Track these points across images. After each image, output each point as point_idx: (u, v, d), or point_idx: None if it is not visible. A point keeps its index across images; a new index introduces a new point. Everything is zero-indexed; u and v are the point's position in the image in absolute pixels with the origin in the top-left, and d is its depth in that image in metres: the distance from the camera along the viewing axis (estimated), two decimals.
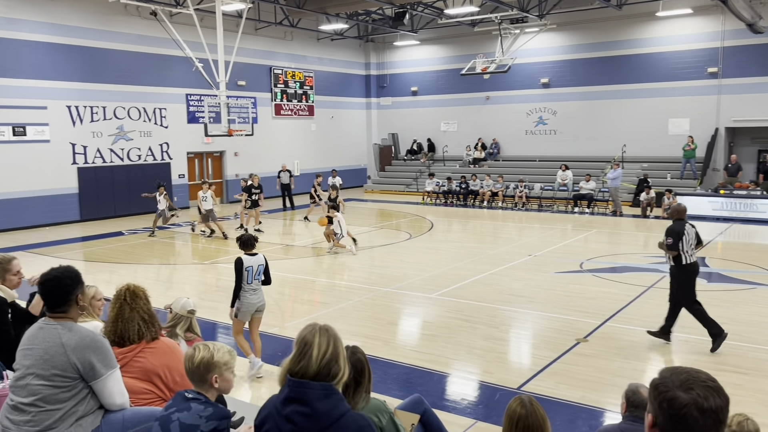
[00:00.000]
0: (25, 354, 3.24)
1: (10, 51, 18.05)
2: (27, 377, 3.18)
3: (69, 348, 3.17)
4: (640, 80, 24.17)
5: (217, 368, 3.05)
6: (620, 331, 8.48)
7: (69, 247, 15.86)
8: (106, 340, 3.36)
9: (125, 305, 3.81)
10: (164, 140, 22.45)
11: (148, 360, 3.72)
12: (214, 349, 3.08)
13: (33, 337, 3.26)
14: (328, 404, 2.49)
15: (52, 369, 3.15)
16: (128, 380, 3.55)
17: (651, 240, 16.25)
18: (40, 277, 3.37)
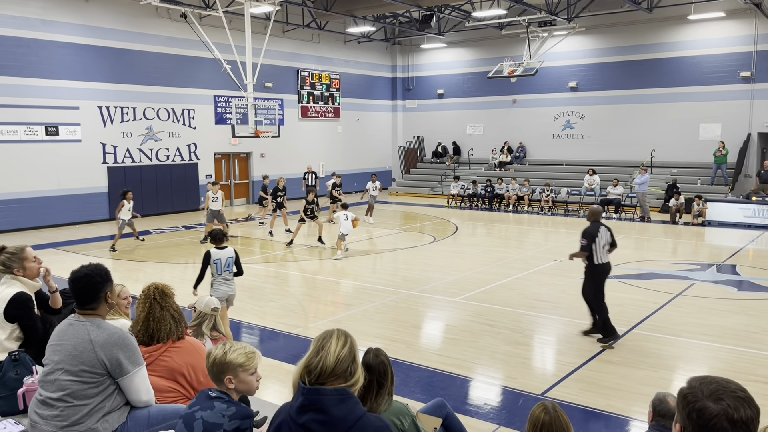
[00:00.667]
0: (54, 349, 3.30)
1: (45, 52, 18.45)
2: (56, 372, 3.24)
3: (97, 344, 3.22)
4: (670, 84, 23.80)
5: (230, 369, 3.00)
6: (647, 338, 8.35)
7: (98, 245, 16.13)
8: (133, 338, 3.41)
9: (155, 304, 3.84)
10: (192, 141, 22.73)
11: (173, 359, 3.75)
12: (228, 349, 3.02)
13: (62, 333, 3.33)
14: (344, 409, 2.47)
15: (81, 365, 3.20)
16: (153, 379, 3.59)
17: (680, 247, 15.99)
18: (71, 274, 3.43)
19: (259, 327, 9.07)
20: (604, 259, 8.21)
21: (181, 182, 22.40)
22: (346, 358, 2.55)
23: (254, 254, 14.86)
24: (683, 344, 8.16)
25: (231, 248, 7.84)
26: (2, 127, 17.68)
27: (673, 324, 8.92)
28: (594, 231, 8.17)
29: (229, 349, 3.03)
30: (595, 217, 8.40)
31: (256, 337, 8.79)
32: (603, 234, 8.20)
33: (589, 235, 8.15)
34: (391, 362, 3.42)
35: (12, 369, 4.06)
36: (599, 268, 8.21)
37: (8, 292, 4.56)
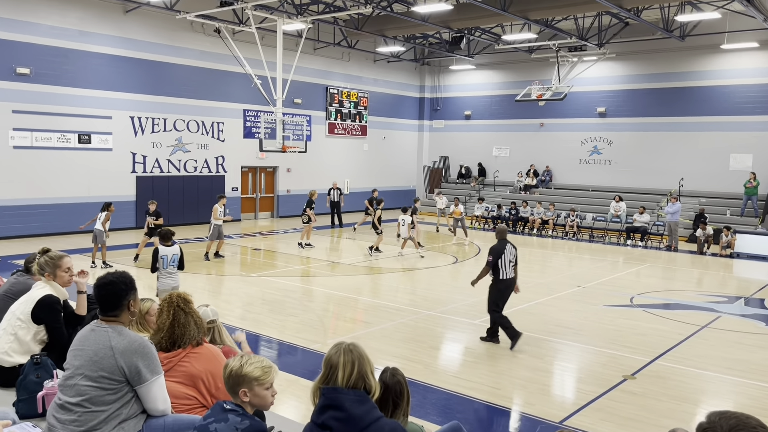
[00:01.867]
0: (75, 354, 3.34)
1: (81, 62, 18.93)
2: (75, 377, 3.27)
3: (117, 351, 3.26)
4: (701, 113, 23.52)
5: (245, 382, 2.98)
6: (670, 370, 8.17)
7: (123, 252, 16.35)
8: (153, 347, 3.43)
9: (180, 311, 3.88)
10: (220, 153, 23.04)
11: (192, 365, 3.77)
12: (245, 362, 3.01)
13: (84, 338, 3.37)
14: (363, 409, 2.56)
15: (100, 371, 3.24)
16: (172, 384, 3.61)
17: (707, 278, 15.68)
18: (96, 280, 3.48)
19: (277, 341, 9.08)
20: (509, 274, 8.90)
21: (208, 194, 22.62)
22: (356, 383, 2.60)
23: (276, 268, 14.93)
24: (707, 378, 7.98)
25: (177, 246, 8.94)
26: (37, 134, 18.12)
27: (697, 356, 8.73)
28: (500, 248, 8.86)
29: (246, 361, 3.02)
30: (502, 235, 9.10)
31: (275, 351, 8.80)
32: (509, 251, 8.88)
33: (495, 252, 8.83)
34: (407, 383, 3.40)
35: (33, 372, 4.12)
36: (503, 282, 8.90)
37: (38, 293, 4.65)
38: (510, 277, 8.92)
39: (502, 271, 8.84)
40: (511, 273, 8.92)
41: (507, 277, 8.88)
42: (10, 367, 4.45)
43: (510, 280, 8.94)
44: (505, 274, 8.85)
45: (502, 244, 8.92)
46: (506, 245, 8.91)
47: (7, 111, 17.51)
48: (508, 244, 8.94)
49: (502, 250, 8.83)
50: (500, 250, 8.84)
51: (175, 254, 8.85)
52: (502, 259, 8.82)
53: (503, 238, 9.05)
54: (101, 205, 14.98)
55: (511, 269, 8.92)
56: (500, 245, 8.89)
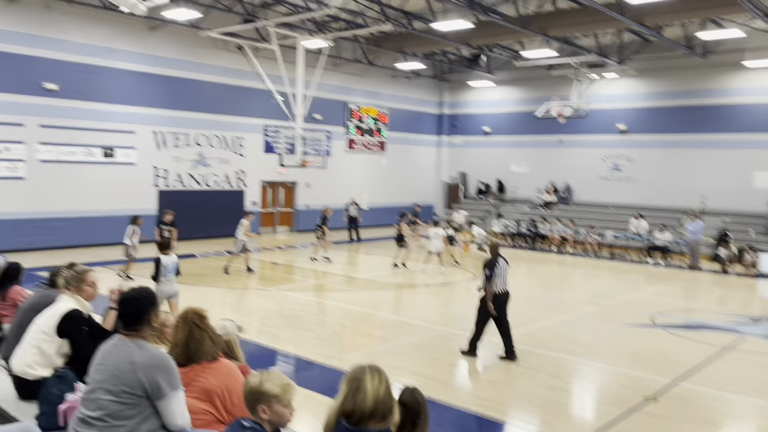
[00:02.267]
0: (97, 368, 3.38)
1: (107, 78, 19.30)
2: (97, 391, 3.31)
3: (138, 366, 3.29)
4: (723, 130, 23.27)
5: (264, 399, 2.98)
6: (693, 392, 8.03)
7: (144, 265, 16.48)
8: (173, 362, 3.46)
9: (194, 327, 3.91)
10: (241, 168, 23.26)
11: (208, 380, 3.79)
12: (265, 379, 3.02)
13: (106, 352, 3.41)
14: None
15: (121, 385, 3.27)
16: (188, 399, 3.63)
17: (730, 298, 15.43)
18: (119, 295, 3.53)
19: (294, 356, 9.09)
20: (502, 288, 9.07)
21: (228, 208, 22.84)
22: (384, 398, 2.52)
23: (294, 282, 14.98)
24: (731, 401, 7.82)
25: (174, 255, 9.57)
26: (63, 148, 18.46)
27: (721, 379, 8.57)
28: (494, 262, 9.13)
29: (266, 379, 3.03)
30: (496, 250, 9.43)
31: (291, 366, 8.81)
32: (502, 265, 9.12)
33: (490, 266, 9.09)
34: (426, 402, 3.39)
35: (55, 385, 4.17)
36: (497, 296, 9.02)
37: (64, 307, 4.70)
38: (503, 291, 9.10)
39: (494, 285, 9.05)
40: (504, 287, 9.11)
41: (500, 291, 9.05)
42: (33, 380, 4.51)
43: (504, 294, 9.12)
44: (497, 287, 9.05)
45: (495, 258, 9.21)
46: (498, 259, 9.17)
47: (35, 125, 17.88)
48: (500, 259, 9.19)
49: (495, 264, 9.12)
50: (494, 263, 9.13)
51: (175, 263, 9.51)
52: (495, 273, 9.06)
53: (497, 253, 9.35)
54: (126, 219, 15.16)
55: (504, 283, 9.11)
56: (494, 260, 9.19)
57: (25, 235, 17.84)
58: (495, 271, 9.03)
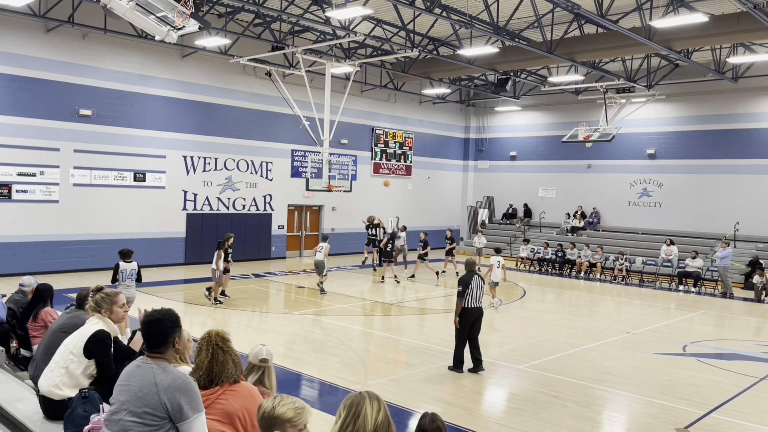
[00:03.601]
0: (121, 390, 3.41)
1: (140, 104, 19.78)
2: (120, 412, 3.34)
3: (161, 388, 3.31)
4: (756, 156, 22.86)
5: (279, 424, 2.90)
6: (726, 424, 7.78)
7: (172, 288, 16.72)
8: (196, 384, 3.48)
9: (218, 349, 3.92)
10: (268, 192, 23.51)
11: (229, 402, 3.79)
12: (278, 403, 2.94)
13: (130, 374, 3.45)
14: None
15: (144, 407, 3.29)
16: (210, 422, 3.63)
17: (765, 327, 15.00)
18: (144, 317, 3.58)
19: (318, 380, 9.06)
20: (474, 304, 9.55)
21: (255, 231, 23.08)
22: (383, 424, 2.54)
23: (319, 306, 14.98)
24: None
25: (135, 263, 10.48)
26: (96, 172, 18.89)
27: (755, 411, 8.30)
28: (468, 279, 9.56)
29: (279, 403, 2.96)
30: (470, 267, 9.89)
31: (316, 391, 8.78)
32: (476, 282, 9.58)
33: (464, 283, 9.53)
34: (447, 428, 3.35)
35: (81, 405, 4.22)
36: (468, 311, 9.49)
37: (91, 328, 4.79)
38: (475, 307, 9.56)
39: (468, 300, 9.50)
40: (477, 303, 9.59)
41: (473, 306, 9.52)
42: (60, 400, 4.57)
43: (476, 310, 9.56)
44: (470, 303, 9.51)
45: (469, 275, 9.64)
46: (473, 277, 9.62)
47: (69, 150, 18.35)
48: (475, 276, 9.66)
49: (469, 281, 9.53)
50: (468, 280, 9.55)
51: (133, 269, 10.42)
52: (470, 289, 9.49)
53: (471, 270, 9.82)
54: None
55: (477, 299, 9.58)
56: (468, 276, 9.62)
57: (58, 258, 18.23)
58: (470, 287, 9.49)
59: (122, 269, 10.36)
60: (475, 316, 9.58)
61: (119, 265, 10.37)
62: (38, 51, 17.69)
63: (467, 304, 9.49)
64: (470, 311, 9.51)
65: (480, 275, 9.81)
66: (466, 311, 9.49)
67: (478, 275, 9.72)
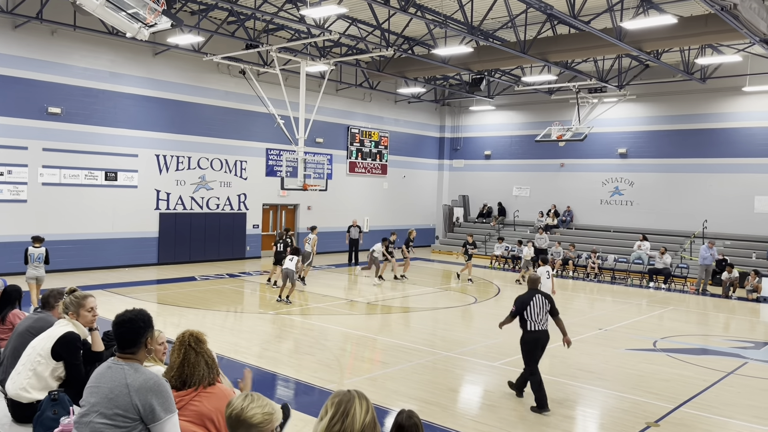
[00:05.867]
0: (91, 391, 3.36)
1: (111, 102, 19.47)
2: (91, 414, 3.28)
3: (133, 389, 3.27)
4: (724, 155, 23.35)
5: (245, 427, 2.83)
6: (695, 418, 7.95)
7: (144, 288, 16.51)
8: (168, 385, 3.44)
9: (190, 350, 3.88)
10: (242, 191, 23.33)
11: (203, 404, 3.75)
12: (247, 405, 2.86)
13: (101, 375, 3.39)
14: None
15: (115, 408, 3.24)
16: (182, 423, 3.59)
17: (733, 323, 15.34)
18: (116, 317, 3.53)
19: (294, 380, 9.03)
20: (537, 326, 8.25)
21: (229, 231, 22.89)
22: (370, 424, 2.54)
23: (294, 305, 14.92)
24: (734, 427, 7.74)
25: (44, 248, 12.38)
26: (66, 171, 18.56)
27: (723, 404, 8.49)
28: (527, 298, 8.30)
29: (248, 405, 2.87)
30: (533, 285, 8.55)
31: (291, 391, 8.74)
32: (538, 302, 8.27)
33: (519, 302, 8.32)
34: (423, 426, 3.37)
35: (50, 408, 4.15)
36: (530, 334, 8.27)
37: (60, 330, 4.71)
38: (539, 329, 8.25)
39: (529, 323, 8.22)
40: (541, 326, 8.24)
41: (535, 329, 8.23)
42: (28, 403, 4.48)
43: (538, 332, 8.25)
44: (533, 326, 8.21)
45: (529, 294, 8.37)
46: (534, 295, 8.30)
47: (38, 149, 18.00)
48: (537, 295, 8.32)
49: (527, 301, 8.27)
50: (525, 300, 8.29)
51: (41, 253, 12.31)
52: (528, 310, 8.20)
53: (533, 288, 8.48)
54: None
55: (541, 322, 8.23)
56: (527, 295, 8.37)
57: None
58: (527, 308, 8.23)
59: (31, 253, 12.25)
60: (540, 342, 8.30)
61: (29, 249, 12.28)
62: (6, 48, 17.31)
63: (529, 326, 8.22)
64: (533, 335, 8.23)
65: (544, 293, 8.42)
66: (528, 335, 8.26)
67: (541, 294, 8.36)
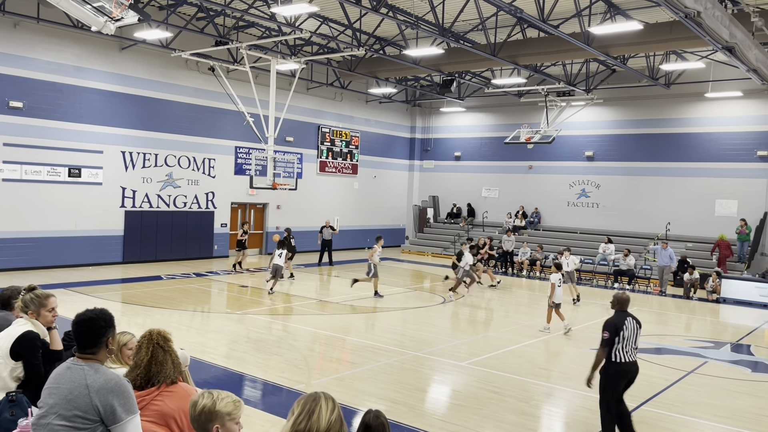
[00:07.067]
0: (50, 393, 3.27)
1: (75, 97, 19.05)
2: (49, 416, 3.20)
3: (93, 390, 3.19)
4: (686, 159, 23.91)
5: (218, 418, 2.96)
6: (657, 416, 8.12)
7: (109, 287, 16.20)
8: (129, 385, 3.37)
9: (158, 348, 3.82)
10: (210, 189, 23.06)
11: (165, 404, 3.69)
12: (217, 398, 3.00)
13: (59, 376, 3.31)
14: None
15: (75, 410, 3.16)
16: (145, 424, 3.53)
17: (693, 323, 15.71)
18: (76, 315, 3.44)
19: (261, 381, 8.95)
20: (628, 357, 6.88)
21: (197, 229, 22.60)
22: (336, 423, 2.55)
23: (263, 305, 14.81)
24: (693, 424, 7.92)
25: None
26: (28, 167, 18.09)
27: (683, 403, 8.68)
28: (619, 322, 6.93)
29: (218, 397, 3.00)
30: (623, 306, 7.14)
31: (258, 391, 8.67)
32: (630, 326, 6.95)
33: (612, 327, 6.88)
34: (390, 425, 3.37)
35: (8, 409, 4.04)
36: (620, 367, 6.83)
37: (19, 329, 4.59)
38: (629, 360, 6.91)
39: (619, 353, 6.88)
40: (630, 355, 6.93)
41: (622, 360, 6.87)
42: None
43: (628, 364, 6.90)
44: (622, 356, 6.87)
45: (620, 316, 7.04)
46: (626, 318, 7.00)
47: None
48: (628, 317, 7.02)
49: (620, 325, 6.91)
50: (619, 324, 6.93)
51: None
52: (620, 337, 6.86)
53: (622, 309, 7.14)
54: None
55: (631, 350, 6.94)
56: (618, 317, 7.03)
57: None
58: (620, 334, 6.88)
59: None
60: (629, 375, 6.97)
61: None
62: None
63: (618, 356, 6.84)
64: (623, 367, 6.83)
65: (635, 317, 7.10)
66: (615, 367, 6.81)
67: (632, 317, 7.05)
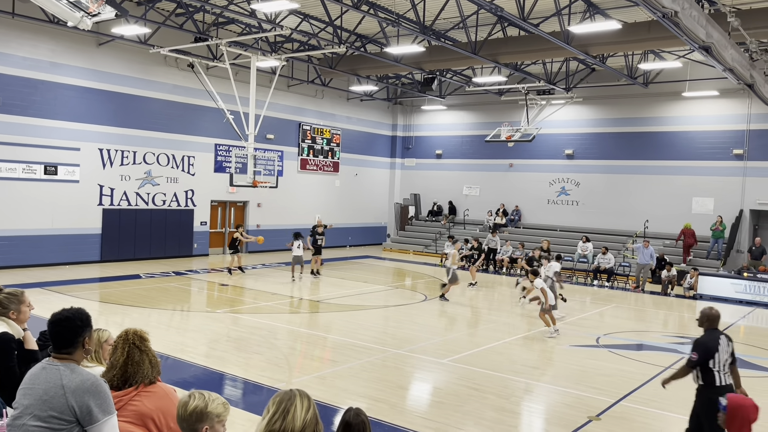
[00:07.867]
0: (25, 393, 3.22)
1: (51, 93, 18.75)
2: (24, 417, 3.15)
3: (69, 390, 3.15)
4: (664, 157, 24.22)
5: (208, 419, 2.99)
6: (635, 411, 8.21)
7: (86, 287, 15.98)
8: (106, 385, 3.33)
9: (134, 348, 3.77)
10: (190, 187, 22.85)
11: (143, 404, 3.65)
12: (209, 399, 3.04)
13: (35, 376, 3.25)
14: None
15: (50, 410, 3.12)
16: (122, 424, 3.49)
17: (671, 319, 15.92)
18: (52, 315, 3.39)
19: (242, 379, 8.90)
20: (726, 380, 5.92)
21: (176, 228, 22.39)
22: (311, 422, 2.55)
23: (243, 304, 14.72)
24: (671, 419, 8.03)
25: None
26: (2, 164, 17.78)
27: (661, 398, 8.79)
28: (713, 343, 5.95)
29: (209, 398, 3.04)
30: (713, 324, 6.13)
31: (239, 390, 8.62)
32: (723, 346, 5.97)
33: (704, 349, 5.92)
34: (370, 423, 3.37)
35: None
36: (716, 391, 5.66)
37: None
38: (728, 384, 5.94)
39: (718, 376, 5.88)
40: (729, 378, 5.97)
41: (724, 384, 5.90)
42: None
43: (727, 387, 5.89)
44: (721, 379, 5.89)
45: (712, 336, 6.04)
46: (719, 338, 6.01)
47: None
48: (722, 336, 6.03)
49: (714, 346, 5.93)
50: (711, 345, 5.95)
51: None
52: (716, 359, 5.89)
53: (713, 327, 6.14)
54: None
55: (728, 372, 5.98)
56: (710, 337, 6.03)
57: None
58: (715, 356, 5.90)
59: None
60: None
61: None
62: None
63: (717, 380, 5.86)
64: (719, 391, 5.57)
65: (727, 335, 6.09)
66: (715, 392, 5.60)
67: (725, 335, 6.05)
